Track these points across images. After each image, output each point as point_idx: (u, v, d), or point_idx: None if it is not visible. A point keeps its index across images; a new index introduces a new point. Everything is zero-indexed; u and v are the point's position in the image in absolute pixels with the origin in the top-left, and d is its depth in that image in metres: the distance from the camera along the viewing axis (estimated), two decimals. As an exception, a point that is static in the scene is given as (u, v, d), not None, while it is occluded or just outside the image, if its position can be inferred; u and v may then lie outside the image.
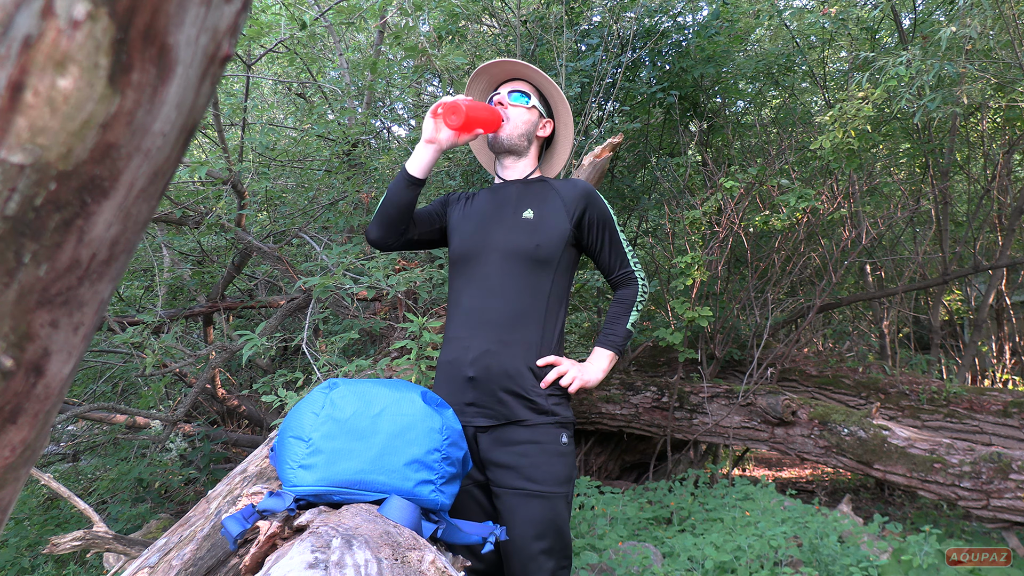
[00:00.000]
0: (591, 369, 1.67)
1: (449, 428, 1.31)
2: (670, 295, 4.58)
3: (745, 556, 2.79)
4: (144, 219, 0.41)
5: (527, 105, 1.75)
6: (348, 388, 1.30)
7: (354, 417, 1.25)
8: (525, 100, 1.75)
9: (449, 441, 1.30)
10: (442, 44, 4.15)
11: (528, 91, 1.78)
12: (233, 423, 4.90)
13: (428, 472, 1.25)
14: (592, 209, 1.72)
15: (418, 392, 1.34)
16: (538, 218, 1.68)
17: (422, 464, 1.25)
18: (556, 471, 1.56)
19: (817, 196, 4.12)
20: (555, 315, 1.68)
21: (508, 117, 1.73)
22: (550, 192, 1.73)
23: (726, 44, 4.80)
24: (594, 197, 1.73)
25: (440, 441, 1.28)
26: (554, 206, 1.70)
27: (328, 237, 3.53)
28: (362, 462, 1.22)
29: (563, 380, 1.63)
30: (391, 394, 1.30)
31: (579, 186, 1.73)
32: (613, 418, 4.59)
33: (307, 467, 1.22)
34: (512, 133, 1.74)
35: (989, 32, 3.67)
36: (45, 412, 0.41)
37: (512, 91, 1.76)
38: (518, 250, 1.64)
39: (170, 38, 0.35)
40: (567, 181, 1.76)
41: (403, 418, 1.26)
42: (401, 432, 1.25)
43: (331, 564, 0.93)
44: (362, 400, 1.27)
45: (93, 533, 2.31)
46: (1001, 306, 6.01)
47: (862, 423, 3.57)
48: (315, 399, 1.29)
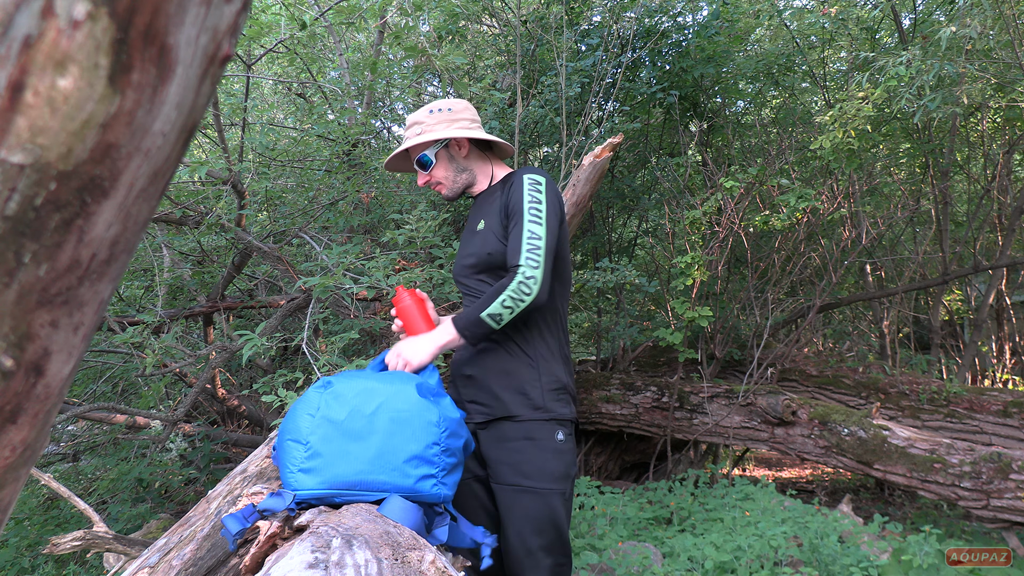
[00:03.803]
0: (414, 347, 1.56)
1: (447, 419, 1.29)
2: (670, 295, 4.58)
3: (745, 556, 2.79)
4: (144, 219, 0.41)
5: (433, 165, 1.73)
6: (342, 385, 1.29)
7: (349, 418, 1.24)
8: (427, 160, 1.73)
9: (448, 432, 1.29)
10: (442, 44, 4.15)
11: (421, 150, 1.73)
12: (233, 423, 4.90)
13: (428, 467, 1.25)
14: (509, 196, 1.64)
15: (412, 384, 1.32)
16: (487, 227, 1.68)
17: (422, 459, 1.24)
18: (550, 467, 1.56)
19: (817, 196, 4.12)
20: (548, 311, 1.66)
21: (438, 180, 1.75)
22: (498, 196, 1.70)
23: (726, 44, 4.80)
24: (515, 184, 1.63)
25: (438, 434, 1.26)
26: (495, 209, 1.68)
27: (328, 237, 3.53)
28: (361, 463, 1.21)
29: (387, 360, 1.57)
30: (385, 389, 1.28)
31: (509, 183, 1.67)
32: (613, 418, 4.59)
33: (307, 471, 1.21)
34: (453, 188, 1.77)
35: (989, 32, 3.67)
36: (45, 412, 0.41)
37: (417, 162, 1.74)
38: (477, 263, 1.68)
39: (170, 38, 0.35)
40: (510, 177, 1.70)
41: (399, 414, 1.24)
42: (398, 429, 1.23)
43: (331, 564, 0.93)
44: (357, 398, 1.25)
45: (93, 533, 2.31)
46: (1001, 306, 6.01)
47: (862, 423, 3.57)
48: (310, 400, 1.28)
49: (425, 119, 1.72)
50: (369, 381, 1.30)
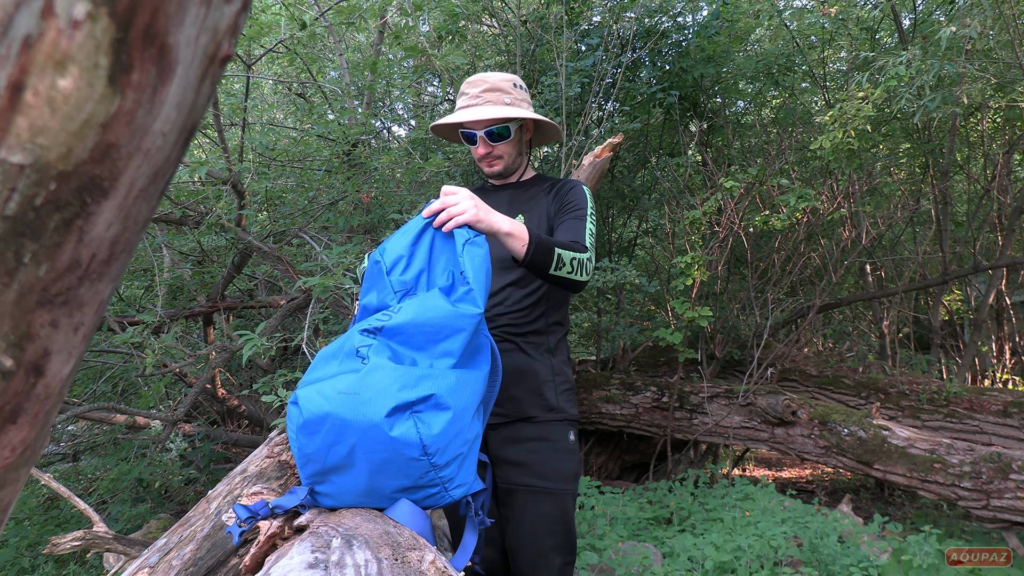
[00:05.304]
0: (478, 202, 1.34)
1: (431, 441, 1.07)
2: (670, 295, 4.58)
3: (745, 556, 2.79)
4: (144, 219, 0.41)
5: (509, 138, 1.67)
6: (305, 414, 1.09)
7: (321, 453, 1.08)
8: (506, 134, 1.66)
9: (438, 455, 1.10)
10: (442, 44, 4.15)
11: (502, 120, 1.65)
12: (233, 423, 4.90)
13: (428, 489, 1.12)
14: (567, 196, 1.66)
15: (386, 407, 1.06)
16: (528, 222, 1.67)
17: (416, 488, 1.11)
18: (565, 468, 1.58)
19: (817, 196, 4.12)
20: (556, 311, 1.68)
21: (500, 154, 1.69)
22: (540, 195, 1.72)
23: (726, 44, 4.80)
24: (577, 188, 1.67)
25: (426, 466, 1.08)
26: (539, 207, 1.69)
27: (328, 237, 3.53)
28: (356, 494, 1.11)
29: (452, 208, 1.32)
30: (354, 426, 1.06)
31: (567, 185, 1.70)
32: (613, 418, 4.59)
33: (317, 486, 1.14)
34: (508, 167, 1.72)
35: (989, 32, 3.67)
36: (45, 412, 0.41)
37: (488, 130, 1.65)
38: (508, 255, 1.61)
39: (170, 38, 0.35)
40: (562, 182, 1.73)
41: (376, 456, 1.06)
42: (379, 470, 1.08)
43: (331, 564, 0.93)
44: (326, 436, 1.07)
45: (93, 533, 2.31)
46: (1001, 306, 6.01)
47: (862, 423, 3.57)
48: (290, 416, 1.13)
49: (512, 90, 1.66)
50: (334, 405, 1.07)
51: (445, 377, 1.12)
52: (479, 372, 1.21)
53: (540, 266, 1.41)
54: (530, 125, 1.75)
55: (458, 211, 1.31)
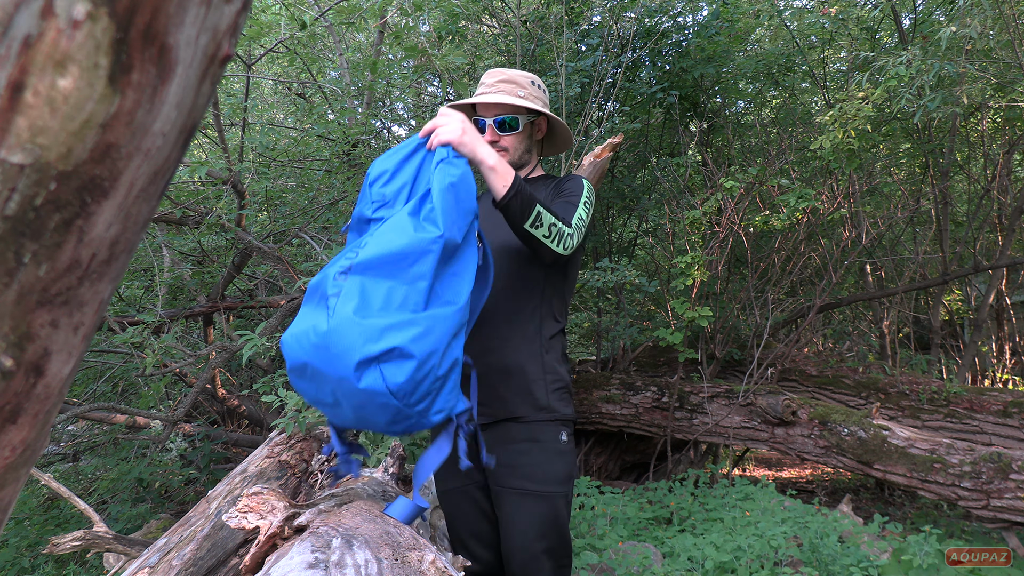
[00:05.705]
0: (466, 127, 1.35)
1: (398, 388, 1.11)
2: (670, 295, 4.58)
3: (745, 556, 2.79)
4: (144, 219, 0.41)
5: (519, 131, 1.68)
6: (289, 361, 1.18)
7: (311, 394, 1.19)
8: (515, 125, 1.66)
9: (407, 397, 1.13)
10: (442, 44, 4.15)
11: (513, 111, 1.66)
12: (233, 423, 4.90)
13: (408, 420, 1.16)
14: (565, 184, 1.65)
15: (352, 361, 1.10)
16: None
17: (398, 421, 1.15)
18: (555, 470, 1.54)
19: (817, 196, 4.12)
20: (551, 308, 1.65)
21: (506, 146, 1.68)
22: (542, 190, 1.71)
23: (726, 44, 4.81)
24: (576, 179, 1.66)
25: (399, 407, 1.12)
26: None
27: (328, 237, 3.53)
28: (353, 424, 1.22)
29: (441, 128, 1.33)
30: (329, 375, 1.13)
31: (567, 177, 1.70)
32: (613, 418, 4.59)
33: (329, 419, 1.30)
34: (515, 158, 1.71)
35: (989, 32, 3.67)
36: (45, 412, 0.41)
37: (498, 119, 1.64)
38: (511, 246, 1.60)
39: (170, 38, 0.35)
40: (564, 176, 1.73)
41: (353, 399, 1.13)
42: (360, 408, 1.13)
43: (331, 564, 0.93)
44: (311, 379, 1.16)
45: (93, 533, 2.31)
46: (1001, 306, 6.01)
47: (862, 423, 3.57)
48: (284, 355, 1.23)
49: (527, 85, 1.68)
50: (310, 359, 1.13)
51: (410, 327, 1.14)
52: (452, 307, 1.22)
53: (517, 214, 1.38)
54: (542, 124, 1.75)
55: (445, 131, 1.32)
